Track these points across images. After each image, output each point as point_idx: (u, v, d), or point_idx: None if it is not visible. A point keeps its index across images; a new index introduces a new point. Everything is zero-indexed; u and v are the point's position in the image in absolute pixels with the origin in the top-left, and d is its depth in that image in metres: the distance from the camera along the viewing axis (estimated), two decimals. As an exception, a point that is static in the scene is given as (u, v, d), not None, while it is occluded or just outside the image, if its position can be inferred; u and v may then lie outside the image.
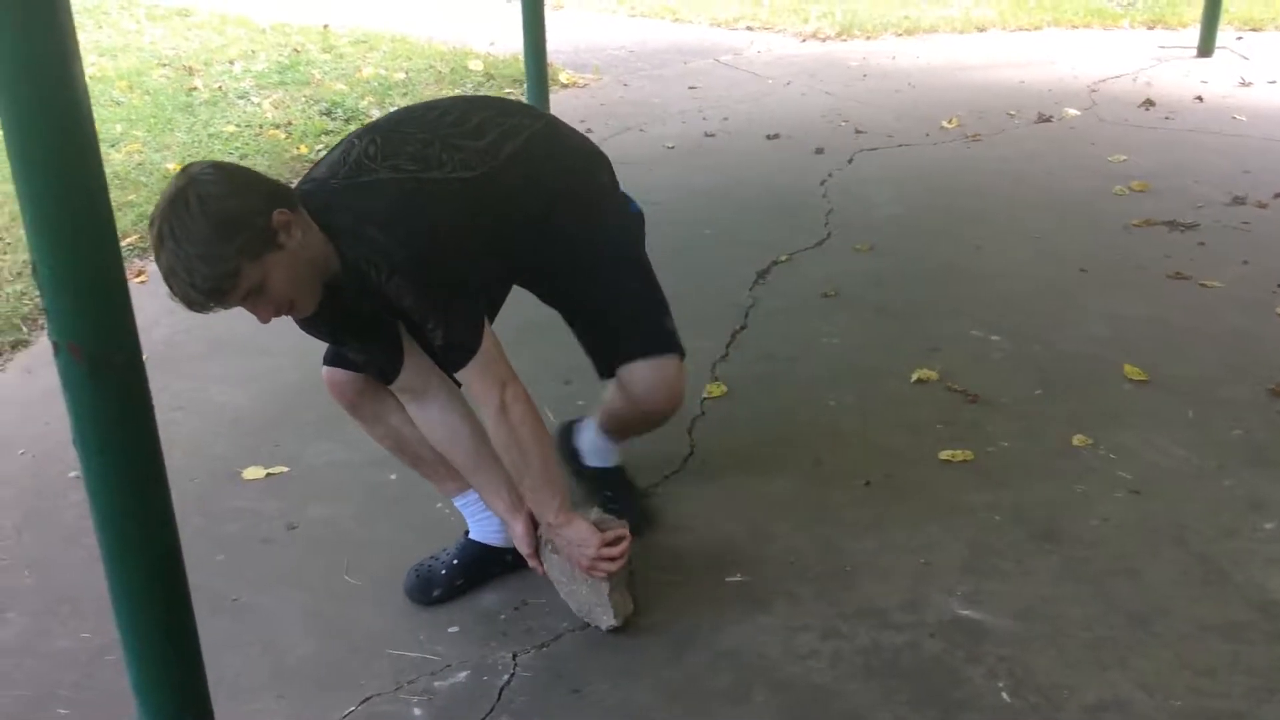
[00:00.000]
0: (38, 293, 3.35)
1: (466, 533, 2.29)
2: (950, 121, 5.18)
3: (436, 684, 2.00)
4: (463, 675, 2.02)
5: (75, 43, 1.27)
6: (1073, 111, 5.28)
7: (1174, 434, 2.74)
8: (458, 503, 2.27)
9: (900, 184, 4.49)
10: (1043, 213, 4.15)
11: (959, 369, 3.05)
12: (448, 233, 1.90)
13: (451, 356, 1.93)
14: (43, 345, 3.22)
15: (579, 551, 2.04)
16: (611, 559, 2.04)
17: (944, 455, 2.67)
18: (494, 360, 1.94)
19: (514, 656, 2.06)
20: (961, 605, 2.17)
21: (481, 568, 2.26)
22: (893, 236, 3.98)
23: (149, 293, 3.20)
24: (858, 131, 5.09)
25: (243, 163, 4.60)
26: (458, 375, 1.99)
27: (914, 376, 3.01)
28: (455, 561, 2.24)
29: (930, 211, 4.23)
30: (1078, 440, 2.71)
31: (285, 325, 1.98)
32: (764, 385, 3.04)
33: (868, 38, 6.84)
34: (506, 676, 2.01)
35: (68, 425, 1.40)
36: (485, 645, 2.09)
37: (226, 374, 3.12)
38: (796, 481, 2.60)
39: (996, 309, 3.41)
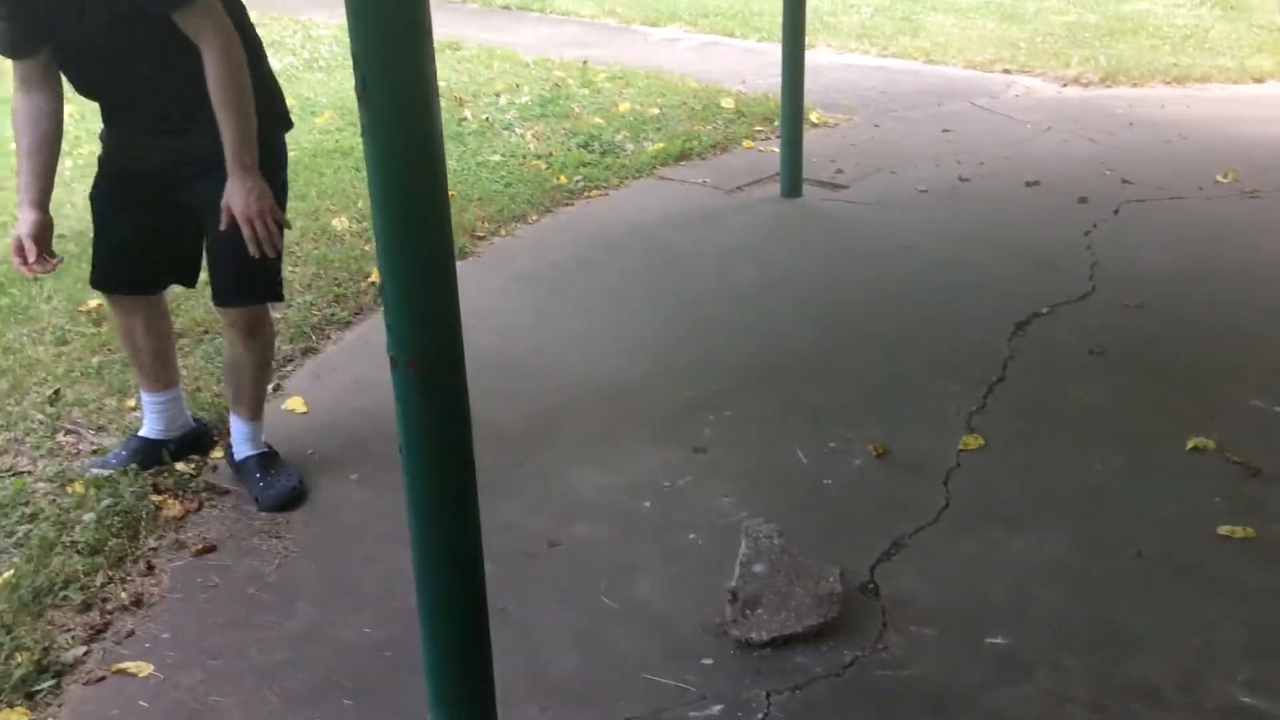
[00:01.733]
0: (364, 305, 3.62)
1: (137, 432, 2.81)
2: (1225, 175, 4.91)
3: (691, 714, 2.03)
4: (716, 709, 2.04)
5: (435, 89, 1.38)
6: (1367, 170, 4.90)
7: None
8: (145, 398, 2.79)
9: (1172, 238, 4.28)
10: (1333, 278, 3.87)
11: (1239, 439, 2.88)
12: None
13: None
14: (329, 354, 3.47)
15: (255, 202, 2.35)
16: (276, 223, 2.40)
17: (1223, 530, 2.52)
18: (219, 9, 2.32)
19: (768, 696, 2.07)
20: (1243, 692, 2.05)
21: (146, 459, 2.76)
22: (1164, 294, 3.79)
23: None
24: (1124, 181, 4.88)
25: (507, 191, 4.86)
26: (181, 14, 2.29)
27: (1189, 444, 2.86)
28: (123, 452, 2.78)
29: (1205, 269, 4.01)
30: (1377, 527, 2.51)
31: (543, 347, 2.07)
32: (1024, 441, 2.95)
33: (1134, 85, 6.56)
34: (760, 716, 2.02)
35: (352, 428, 1.50)
36: (739, 681, 2.11)
37: (493, 391, 3.27)
38: (1060, 544, 2.51)
39: (1274, 382, 3.20)
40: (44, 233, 2.49)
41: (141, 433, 2.82)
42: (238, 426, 2.77)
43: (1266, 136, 5.51)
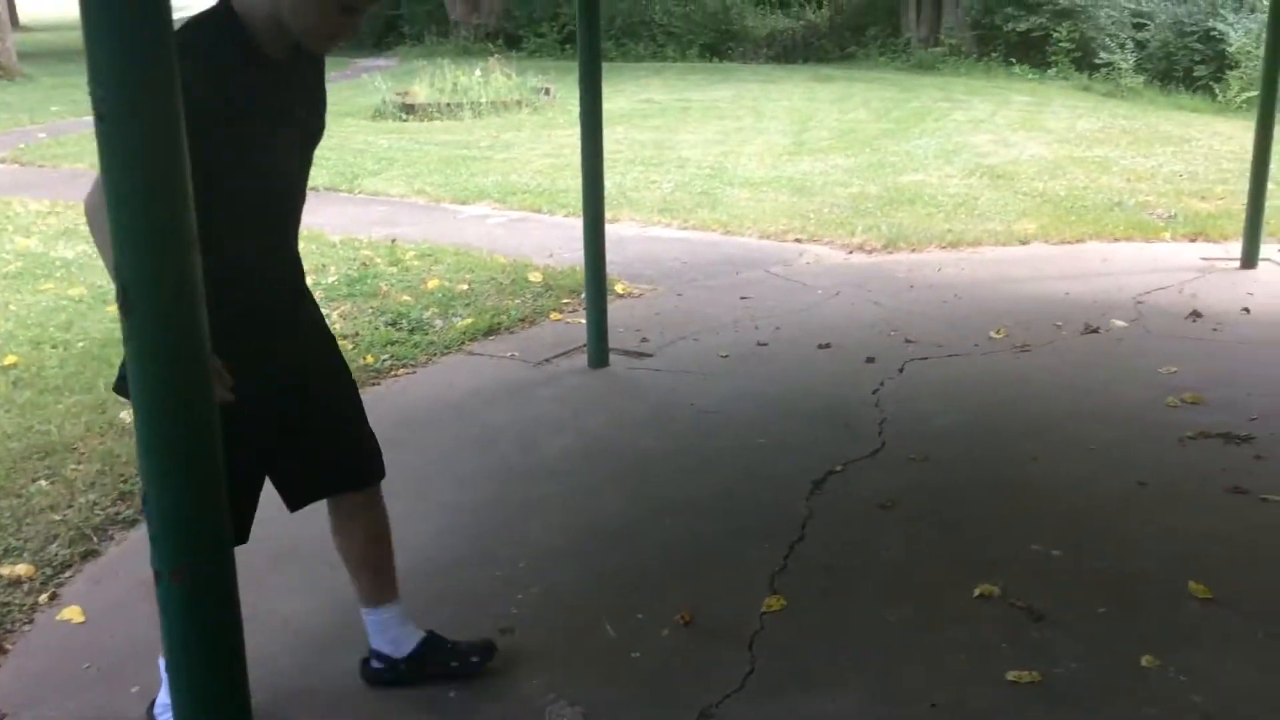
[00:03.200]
0: (133, 514, 3.46)
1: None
2: (998, 332, 5.28)
3: None
4: None
5: (201, 296, 1.39)
6: (1120, 323, 5.36)
7: (1244, 654, 2.69)
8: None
9: (952, 394, 4.55)
10: (1097, 424, 4.18)
11: (1021, 585, 3.03)
12: None
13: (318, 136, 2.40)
14: (111, 556, 3.30)
15: None
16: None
17: (1011, 676, 2.63)
18: None
19: None
20: (1036, 838, 2.11)
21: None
22: (948, 447, 4.02)
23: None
24: (908, 341, 5.19)
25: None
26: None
27: (976, 592, 3.00)
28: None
29: (984, 422, 4.28)
30: (1146, 661, 2.66)
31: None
32: (823, 598, 3.03)
33: (913, 250, 7.04)
34: None
35: (135, 635, 1.45)
36: None
37: (291, 586, 3.17)
38: (859, 701, 2.56)
39: (1056, 523, 3.41)
40: None
41: None
42: (394, 613, 2.64)
43: (1033, 294, 5.97)
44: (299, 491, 2.53)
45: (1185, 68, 14.59)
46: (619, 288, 6.11)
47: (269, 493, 2.46)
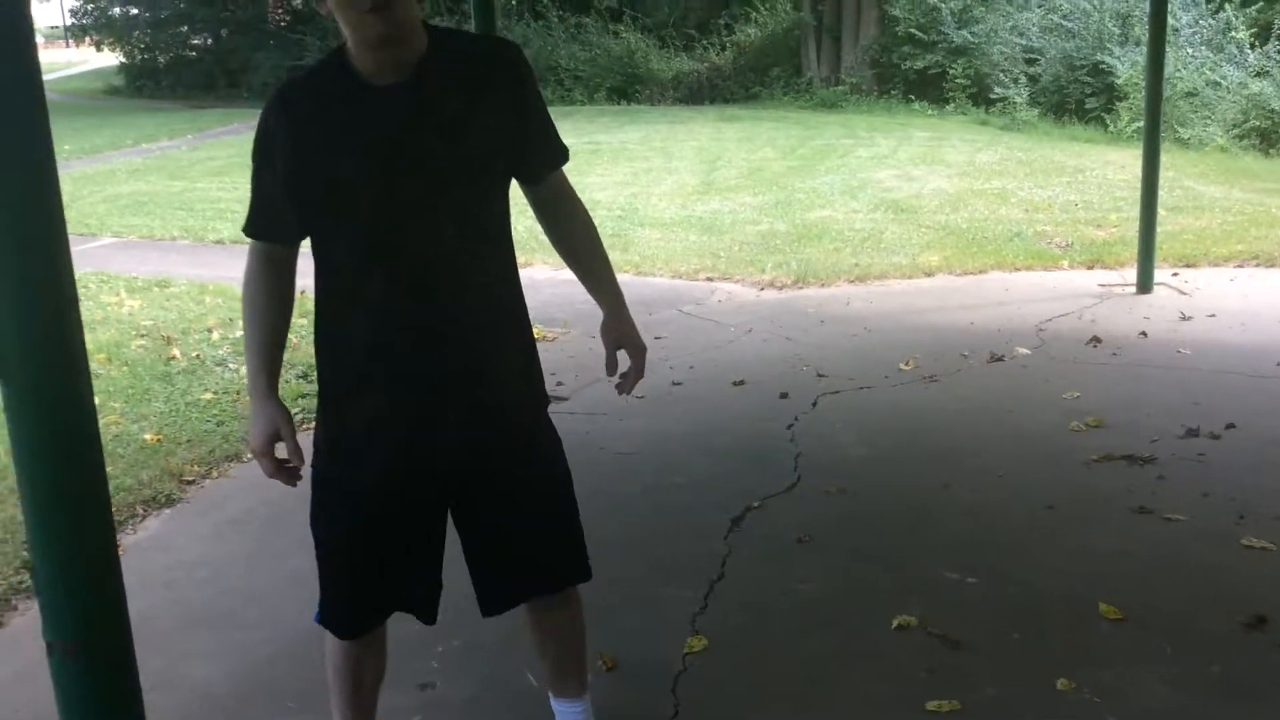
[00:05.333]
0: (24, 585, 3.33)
1: None
2: (907, 363, 5.37)
3: None
4: None
5: (84, 362, 1.35)
6: (1023, 350, 5.49)
7: (1155, 672, 2.75)
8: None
9: (865, 425, 4.61)
10: (1004, 450, 4.27)
11: (938, 613, 3.07)
12: None
13: (557, 152, 2.18)
14: (15, 626, 3.18)
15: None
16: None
17: (931, 705, 2.65)
18: None
19: None
20: None
21: None
22: (862, 478, 4.06)
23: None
24: (819, 375, 5.26)
25: (219, 430, 4.71)
26: (551, 177, 2.19)
27: (894, 623, 3.02)
28: None
29: (896, 452, 4.34)
30: (1062, 684, 2.71)
31: (257, 594, 1.99)
32: (745, 637, 3.03)
33: (822, 285, 7.15)
34: None
35: (39, 713, 1.40)
36: None
37: (200, 650, 3.08)
38: (784, 739, 2.56)
39: (969, 549, 3.46)
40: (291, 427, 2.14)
41: None
42: (578, 709, 2.44)
43: (939, 325, 6.10)
44: (487, 598, 2.29)
45: (1077, 100, 15.10)
46: (534, 331, 6.10)
47: (152, 550, 2.39)
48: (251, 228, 2.13)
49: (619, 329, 2.32)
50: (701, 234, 8.76)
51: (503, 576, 2.25)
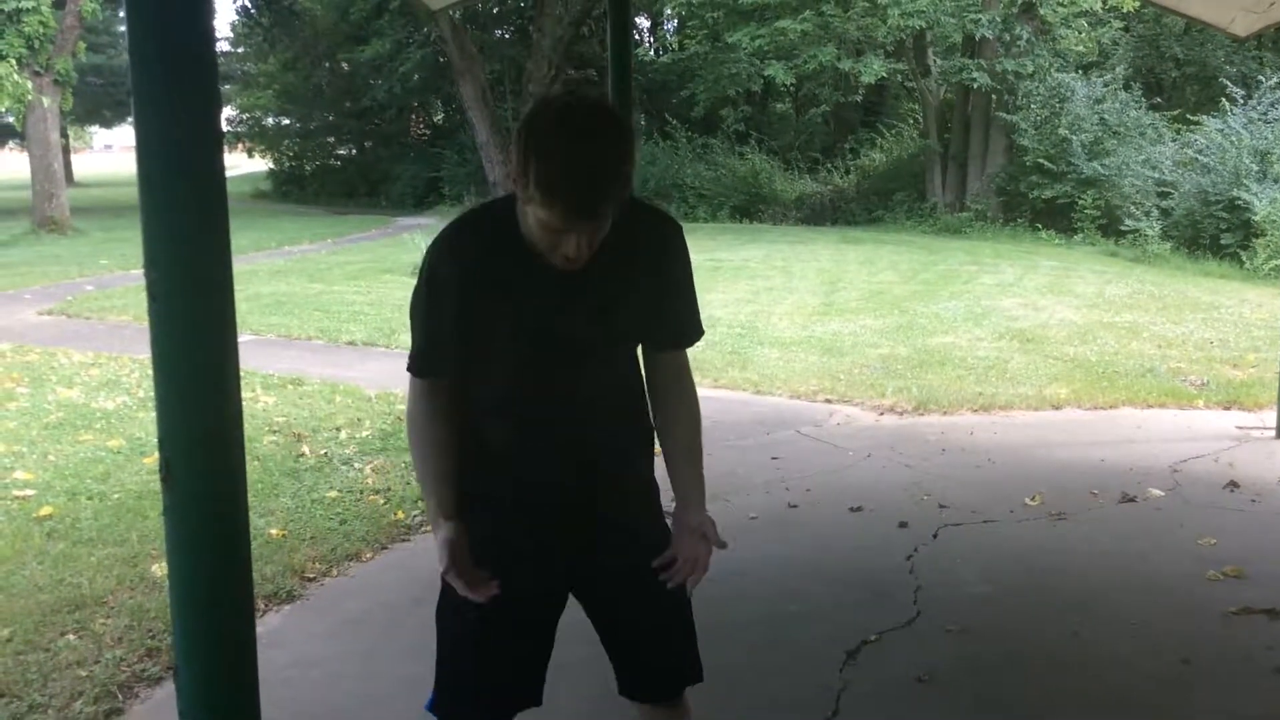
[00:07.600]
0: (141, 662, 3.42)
1: None
2: (1034, 499, 5.23)
3: None
4: None
5: (243, 476, 1.41)
6: (1157, 491, 5.30)
7: None
8: None
9: (988, 562, 4.48)
10: (1136, 597, 4.09)
11: (1064, 767, 2.92)
12: None
13: (694, 331, 2.20)
14: (135, 714, 3.25)
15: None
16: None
17: None
18: None
19: None
20: None
21: None
22: (985, 618, 3.93)
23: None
24: (941, 506, 5.14)
25: (342, 528, 4.81)
26: (675, 353, 2.19)
27: (1018, 775, 2.89)
28: None
29: (1021, 592, 4.19)
30: None
31: (374, 697, 1.99)
32: (860, 779, 2.93)
33: (944, 413, 7.04)
34: None
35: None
36: None
37: None
38: None
39: (1101, 704, 3.31)
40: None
41: None
42: None
43: (1068, 460, 5.93)
44: (625, 686, 2.43)
45: (1211, 235, 14.78)
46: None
47: (271, 646, 2.43)
48: (418, 366, 2.16)
49: (699, 523, 2.26)
50: (821, 355, 8.74)
51: (640, 668, 2.38)
